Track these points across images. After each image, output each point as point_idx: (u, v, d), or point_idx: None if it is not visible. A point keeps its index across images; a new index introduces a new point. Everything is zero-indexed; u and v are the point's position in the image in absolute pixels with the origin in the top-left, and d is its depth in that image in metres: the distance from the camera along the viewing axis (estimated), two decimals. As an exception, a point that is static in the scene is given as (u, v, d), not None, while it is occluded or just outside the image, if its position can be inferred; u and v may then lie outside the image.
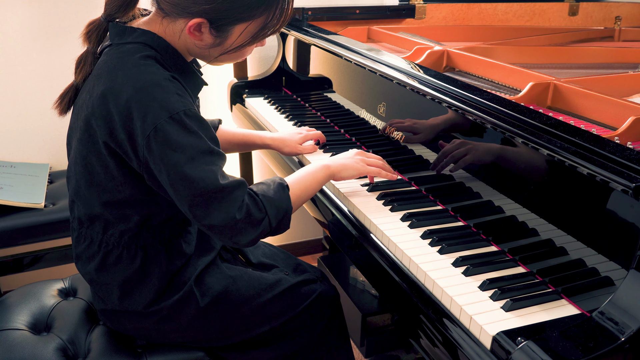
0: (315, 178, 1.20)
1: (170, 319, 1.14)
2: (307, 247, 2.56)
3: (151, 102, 0.97)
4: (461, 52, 1.59)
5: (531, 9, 2.30)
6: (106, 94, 0.99)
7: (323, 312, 1.27)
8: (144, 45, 1.04)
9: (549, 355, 0.75)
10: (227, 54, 1.08)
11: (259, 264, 1.33)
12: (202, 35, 1.03)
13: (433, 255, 1.05)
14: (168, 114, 0.97)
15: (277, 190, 1.09)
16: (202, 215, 1.00)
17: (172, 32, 1.05)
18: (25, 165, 1.93)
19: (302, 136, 1.52)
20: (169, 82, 1.00)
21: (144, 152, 0.98)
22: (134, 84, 0.98)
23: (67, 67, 1.98)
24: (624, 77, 1.42)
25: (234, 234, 1.02)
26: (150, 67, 1.01)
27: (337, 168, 1.24)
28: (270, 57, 2.24)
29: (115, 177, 1.05)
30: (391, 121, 1.41)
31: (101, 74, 1.03)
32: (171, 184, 0.99)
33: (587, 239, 0.91)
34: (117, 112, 0.98)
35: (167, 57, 1.06)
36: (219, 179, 1.00)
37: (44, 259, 1.81)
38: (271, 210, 1.06)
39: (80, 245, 1.15)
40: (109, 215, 1.09)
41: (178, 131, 0.97)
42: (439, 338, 0.93)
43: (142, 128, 0.96)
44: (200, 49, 1.07)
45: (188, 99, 1.02)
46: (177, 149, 0.97)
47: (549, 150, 0.94)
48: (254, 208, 1.04)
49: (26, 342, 1.13)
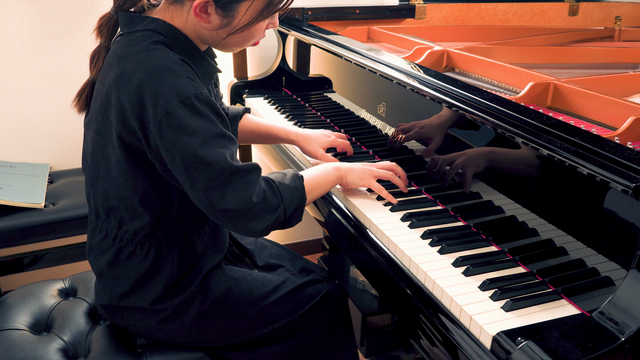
0: (326, 177, 1.20)
1: (173, 318, 1.14)
2: (307, 247, 2.56)
3: (162, 86, 0.97)
4: (461, 52, 1.59)
5: (531, 9, 2.30)
6: (117, 82, 0.99)
7: (328, 312, 1.27)
8: (153, 32, 1.04)
9: (549, 355, 0.75)
10: (235, 34, 1.06)
11: (264, 266, 1.33)
12: (209, 16, 1.02)
13: (433, 255, 1.05)
14: (179, 98, 0.96)
15: (292, 179, 1.10)
16: (219, 198, 1.00)
17: (180, 18, 1.05)
18: (25, 165, 1.93)
19: (329, 140, 1.46)
20: (179, 66, 1.00)
21: (156, 139, 0.98)
22: (144, 69, 0.98)
23: (68, 67, 2.00)
24: (624, 77, 1.42)
25: (249, 219, 1.02)
26: (160, 51, 1.01)
27: (345, 171, 1.24)
28: (270, 57, 2.24)
29: (125, 172, 1.05)
30: (399, 125, 1.40)
31: (112, 63, 1.03)
32: (185, 169, 0.98)
33: (587, 239, 0.91)
34: (128, 99, 0.98)
35: (177, 43, 1.05)
36: (233, 161, 1.00)
37: (44, 259, 1.81)
38: (287, 198, 1.06)
39: (95, 237, 1.15)
40: (124, 211, 1.09)
41: (190, 115, 0.97)
42: (439, 338, 0.93)
43: (154, 113, 0.96)
44: (210, 32, 1.06)
45: (198, 83, 1.01)
46: (190, 133, 0.97)
47: (549, 150, 0.94)
48: (270, 193, 1.04)
49: (26, 342, 1.13)
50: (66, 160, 2.09)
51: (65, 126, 2.05)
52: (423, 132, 1.30)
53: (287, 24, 1.99)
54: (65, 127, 2.05)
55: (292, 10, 2.02)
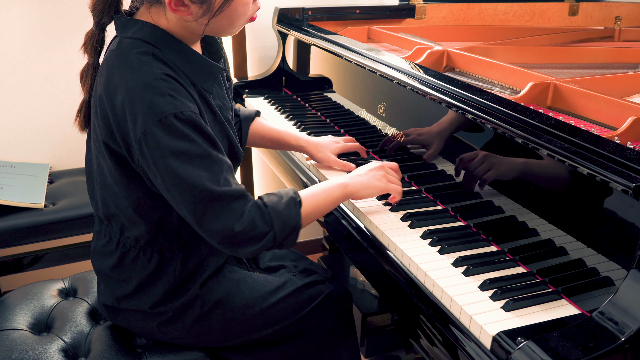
0: (330, 196, 1.13)
1: (173, 321, 1.14)
2: (307, 247, 2.56)
3: (140, 104, 0.94)
4: (461, 52, 1.59)
5: (531, 9, 2.30)
6: (103, 95, 0.99)
7: (329, 314, 1.26)
8: (141, 42, 1.00)
9: (549, 355, 0.75)
10: (216, 16, 0.98)
11: (266, 268, 1.32)
12: (188, 8, 0.97)
13: (433, 255, 1.05)
14: (156, 117, 0.93)
15: (288, 204, 1.04)
16: (200, 221, 0.97)
17: (162, 18, 1.01)
18: (25, 165, 1.93)
19: (339, 146, 1.43)
20: (162, 82, 0.95)
21: (139, 156, 0.97)
22: (126, 84, 0.96)
23: (67, 67, 2.00)
24: (624, 77, 1.42)
25: (233, 245, 1.00)
26: (145, 65, 0.97)
27: (355, 187, 1.16)
28: (270, 57, 2.24)
29: (118, 182, 1.04)
30: (402, 132, 1.39)
31: (102, 72, 1.02)
32: (166, 188, 0.97)
33: (587, 239, 0.91)
34: (113, 114, 0.97)
35: (169, 49, 1.01)
36: (215, 185, 0.96)
37: (44, 259, 1.80)
38: (278, 225, 1.01)
39: (99, 240, 1.15)
40: (123, 219, 1.08)
41: (167, 135, 0.94)
42: (439, 338, 0.93)
43: (134, 131, 0.95)
44: (195, 23, 1.00)
45: (183, 101, 0.96)
46: (167, 154, 0.94)
47: (549, 150, 0.94)
48: (259, 220, 1.00)
49: (26, 342, 1.13)
50: (66, 160, 2.09)
51: (65, 126, 2.05)
52: (422, 138, 1.30)
53: (287, 24, 1.99)
54: (65, 127, 2.05)
55: (292, 10, 2.02)
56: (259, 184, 2.45)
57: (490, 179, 1.10)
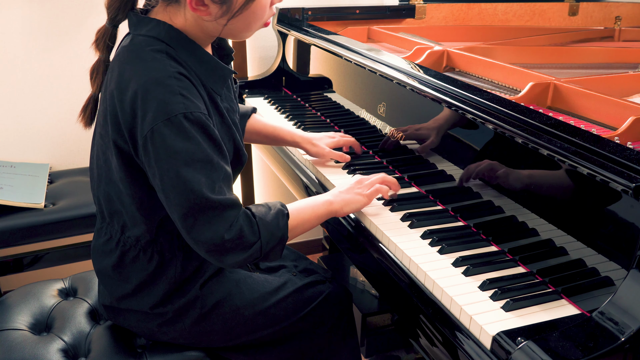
0: (315, 212, 1.13)
1: (173, 321, 1.14)
2: (307, 247, 2.56)
3: (152, 101, 0.94)
4: (461, 52, 1.59)
5: (531, 9, 2.30)
6: (114, 91, 0.99)
7: (329, 314, 1.25)
8: (155, 39, 1.00)
9: (549, 355, 0.75)
10: (235, 17, 0.99)
11: (266, 268, 1.32)
12: (207, 8, 0.97)
13: (433, 255, 1.05)
14: (166, 115, 0.93)
15: (276, 216, 1.04)
16: (190, 227, 0.97)
17: (179, 17, 1.02)
18: (25, 165, 1.93)
19: (333, 140, 1.46)
20: (174, 80, 0.96)
21: (141, 153, 0.97)
22: (138, 80, 0.96)
23: (68, 67, 2.00)
24: (624, 77, 1.42)
25: (220, 254, 0.99)
26: (158, 62, 0.97)
27: (339, 204, 1.16)
28: (270, 57, 2.24)
29: (123, 179, 1.04)
30: (397, 129, 1.40)
31: (113, 68, 1.02)
32: (163, 189, 0.96)
33: (587, 239, 0.91)
34: (122, 109, 0.97)
35: (182, 48, 1.01)
36: (212, 193, 0.96)
37: (44, 259, 1.80)
38: (265, 236, 1.02)
39: (100, 238, 1.15)
40: (125, 217, 1.08)
41: (175, 135, 0.93)
42: (439, 338, 0.93)
43: (141, 128, 0.95)
44: (213, 24, 1.00)
45: (193, 101, 0.97)
46: (172, 154, 0.94)
47: (549, 150, 0.94)
48: (248, 230, 1.00)
49: (26, 342, 1.13)
50: (66, 160, 2.09)
51: (65, 126, 2.05)
52: (419, 132, 1.30)
53: (287, 24, 1.99)
54: (66, 127, 2.05)
55: (292, 10, 2.02)
56: (259, 184, 2.45)
57: (496, 186, 1.10)
